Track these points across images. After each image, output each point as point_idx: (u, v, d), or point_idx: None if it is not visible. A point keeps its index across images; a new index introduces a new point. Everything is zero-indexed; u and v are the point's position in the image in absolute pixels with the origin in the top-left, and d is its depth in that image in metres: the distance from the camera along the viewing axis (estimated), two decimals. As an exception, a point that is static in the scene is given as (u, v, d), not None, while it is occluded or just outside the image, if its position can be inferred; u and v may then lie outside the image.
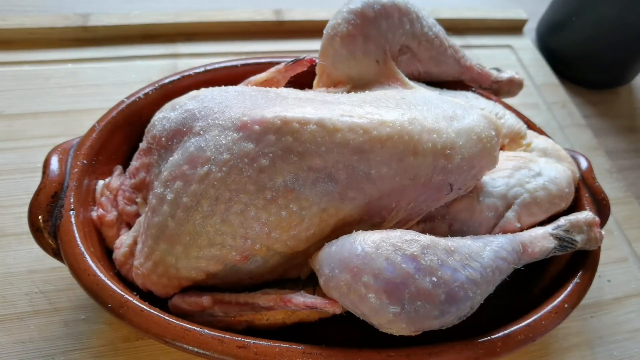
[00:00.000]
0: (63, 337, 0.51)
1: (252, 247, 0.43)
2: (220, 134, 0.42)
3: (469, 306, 0.41)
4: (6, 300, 0.52)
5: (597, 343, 0.58)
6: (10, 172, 0.62)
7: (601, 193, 0.57)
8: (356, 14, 0.52)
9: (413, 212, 0.48)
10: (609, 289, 0.63)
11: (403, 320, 0.38)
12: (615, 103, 0.93)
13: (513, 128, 0.59)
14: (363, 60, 0.53)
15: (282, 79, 0.56)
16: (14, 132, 0.66)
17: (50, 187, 0.47)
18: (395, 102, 0.47)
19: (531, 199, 0.51)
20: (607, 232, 0.69)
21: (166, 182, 0.43)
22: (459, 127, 0.46)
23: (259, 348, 0.41)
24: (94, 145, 0.51)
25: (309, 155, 0.42)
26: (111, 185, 0.51)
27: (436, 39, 0.59)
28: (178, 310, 0.46)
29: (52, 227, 0.46)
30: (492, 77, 0.66)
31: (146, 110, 0.55)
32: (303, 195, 0.42)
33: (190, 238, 0.42)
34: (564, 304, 0.48)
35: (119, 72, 0.76)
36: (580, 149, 0.80)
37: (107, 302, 0.42)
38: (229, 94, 0.46)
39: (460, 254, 0.41)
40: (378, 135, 0.43)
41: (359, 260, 0.39)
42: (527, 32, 1.00)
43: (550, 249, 0.48)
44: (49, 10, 0.85)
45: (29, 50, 0.76)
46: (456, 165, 0.45)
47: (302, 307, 0.42)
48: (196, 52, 0.82)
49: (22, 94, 0.71)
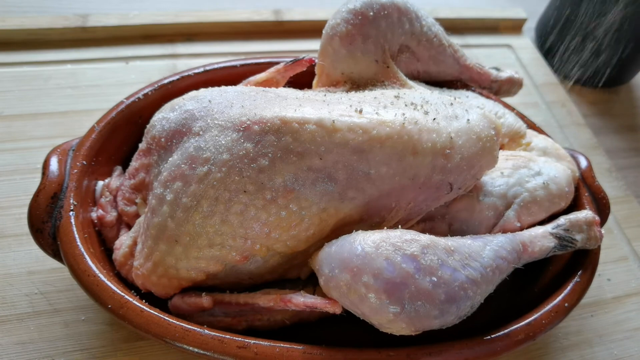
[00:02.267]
0: (63, 338, 0.51)
1: (252, 247, 0.43)
2: (219, 134, 0.42)
3: (469, 306, 0.41)
4: (6, 301, 0.52)
5: (597, 342, 0.58)
6: (9, 173, 0.62)
7: (601, 192, 0.57)
8: (355, 14, 0.52)
9: (413, 212, 0.48)
10: (609, 287, 0.63)
11: (403, 320, 0.38)
12: (615, 102, 0.93)
13: (512, 127, 0.59)
14: (362, 60, 0.53)
15: (281, 79, 0.56)
16: (13, 133, 0.66)
17: (49, 188, 0.47)
18: (394, 102, 0.47)
19: (531, 198, 0.51)
20: (607, 231, 0.69)
21: (166, 183, 0.43)
22: (459, 127, 0.46)
23: (259, 348, 0.41)
24: (93, 146, 0.51)
25: (308, 155, 0.42)
26: (111, 186, 0.51)
27: (435, 38, 0.59)
28: (178, 311, 0.46)
29: (51, 228, 0.46)
30: (492, 76, 0.66)
31: (146, 110, 0.55)
32: (303, 196, 0.42)
33: (190, 238, 0.42)
34: (564, 303, 0.48)
35: (118, 73, 0.76)
36: (580, 148, 0.80)
37: (107, 303, 0.42)
38: (228, 94, 0.46)
39: (460, 254, 0.41)
40: (377, 135, 0.43)
41: (359, 260, 0.39)
42: (527, 32, 1.00)
43: (550, 248, 0.48)
44: (48, 11, 0.85)
45: (28, 51, 0.76)
46: (456, 165, 0.45)
47: (302, 307, 0.42)
48: (195, 52, 0.82)
49: (22, 94, 0.71)
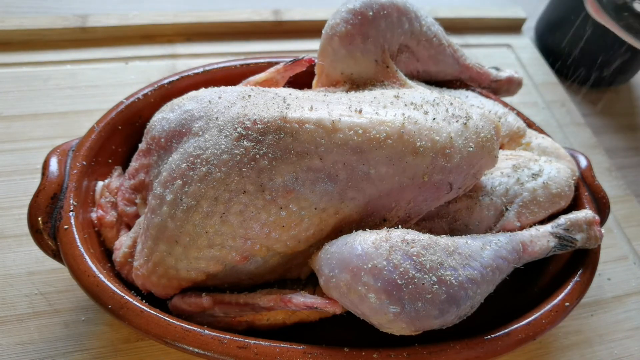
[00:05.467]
0: (63, 338, 0.51)
1: (251, 247, 0.43)
2: (219, 134, 0.42)
3: (469, 305, 0.41)
4: (6, 301, 0.52)
5: (597, 341, 0.58)
6: (9, 173, 0.62)
7: (601, 191, 0.57)
8: (355, 14, 0.52)
9: (413, 212, 0.48)
10: (609, 287, 0.63)
11: (403, 320, 0.38)
12: (615, 101, 0.93)
13: (512, 127, 0.59)
14: (362, 60, 0.53)
15: (281, 79, 0.56)
16: (12, 134, 0.66)
17: (49, 188, 0.47)
18: (394, 102, 0.47)
19: (531, 197, 0.51)
20: (607, 231, 0.69)
21: (165, 183, 0.43)
22: (458, 127, 0.46)
23: (260, 348, 0.41)
24: (93, 147, 0.51)
25: (308, 155, 0.42)
26: (110, 186, 0.51)
27: (435, 38, 0.59)
28: (178, 311, 0.46)
29: (51, 228, 0.46)
30: (491, 76, 0.66)
31: (145, 111, 0.55)
32: (302, 196, 0.42)
33: (190, 239, 0.42)
34: (564, 303, 0.48)
35: (118, 73, 0.76)
36: (580, 147, 0.80)
37: (107, 303, 0.42)
38: (228, 94, 0.46)
39: (460, 254, 0.41)
40: (377, 135, 0.43)
41: (359, 260, 0.39)
42: (526, 31, 1.00)
43: (550, 247, 0.48)
44: (48, 11, 0.85)
45: (28, 52, 0.76)
46: (455, 165, 0.45)
47: (302, 307, 0.42)
48: (195, 52, 0.82)
49: (21, 95, 0.71)
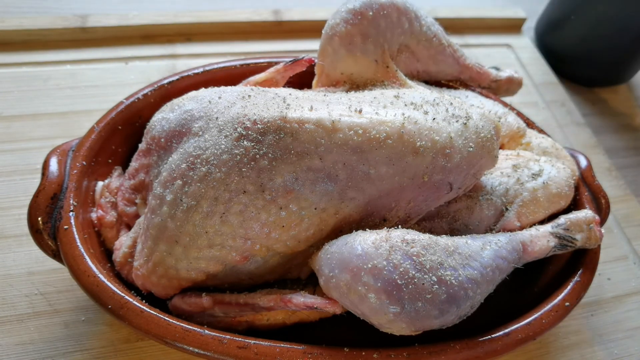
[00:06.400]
0: (63, 338, 0.51)
1: (251, 247, 0.43)
2: (219, 134, 0.42)
3: (469, 305, 0.41)
4: (6, 302, 0.52)
5: (597, 341, 0.58)
6: (9, 173, 0.62)
7: (601, 191, 0.57)
8: (355, 14, 0.52)
9: (413, 212, 0.48)
10: (609, 287, 0.63)
11: (403, 320, 0.38)
12: (614, 101, 0.93)
13: (512, 127, 0.59)
14: (362, 60, 0.53)
15: (281, 79, 0.56)
16: (12, 134, 0.66)
17: (49, 188, 0.47)
18: (394, 102, 0.47)
19: (531, 197, 0.51)
20: (607, 231, 0.69)
21: (165, 183, 0.43)
22: (458, 127, 0.46)
23: (260, 348, 0.41)
24: (93, 147, 0.51)
25: (308, 155, 0.42)
26: (110, 187, 0.51)
27: (435, 38, 0.59)
28: (178, 311, 0.46)
29: (51, 228, 0.45)
30: (491, 76, 0.66)
31: (145, 111, 0.55)
32: (302, 196, 0.42)
33: (190, 239, 0.42)
34: (564, 303, 0.48)
35: (118, 73, 0.76)
36: (580, 147, 0.80)
37: (107, 303, 0.42)
38: (227, 94, 0.46)
39: (460, 254, 0.41)
40: (377, 135, 0.43)
41: (359, 260, 0.39)
42: (526, 31, 1.00)
43: (550, 247, 0.48)
44: (47, 11, 0.85)
45: (28, 52, 0.76)
46: (455, 165, 0.45)
47: (302, 307, 0.42)
48: (195, 52, 0.82)
49: (21, 95, 0.71)
